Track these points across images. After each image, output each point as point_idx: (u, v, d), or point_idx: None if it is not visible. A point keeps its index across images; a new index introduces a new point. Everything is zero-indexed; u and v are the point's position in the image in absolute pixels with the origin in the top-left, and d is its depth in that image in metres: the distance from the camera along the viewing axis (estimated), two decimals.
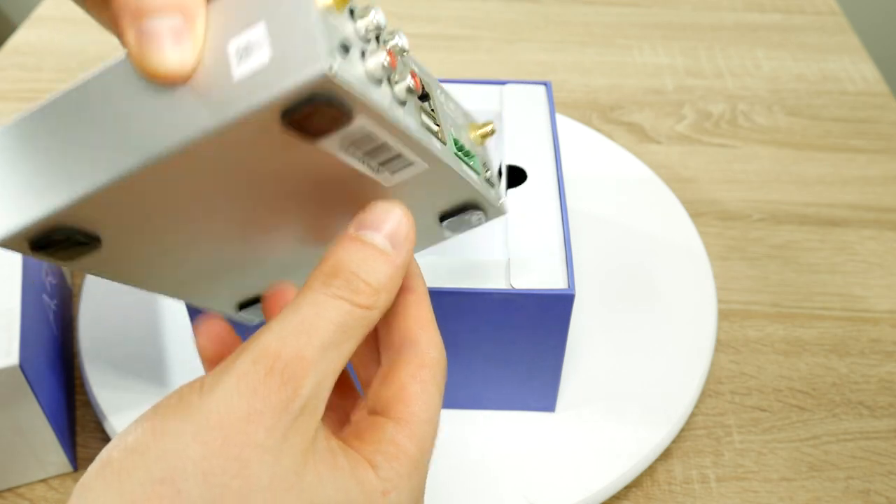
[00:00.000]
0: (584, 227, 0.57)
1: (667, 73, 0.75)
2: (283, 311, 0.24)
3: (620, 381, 0.48)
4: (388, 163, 0.26)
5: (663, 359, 0.49)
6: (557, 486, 0.43)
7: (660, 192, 0.60)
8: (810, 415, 0.49)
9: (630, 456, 0.44)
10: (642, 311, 0.52)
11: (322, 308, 0.24)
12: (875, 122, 0.70)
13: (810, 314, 0.54)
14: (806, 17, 0.83)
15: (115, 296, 0.52)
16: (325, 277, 0.25)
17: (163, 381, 0.48)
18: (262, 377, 0.23)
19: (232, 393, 0.23)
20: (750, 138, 0.68)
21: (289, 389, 0.23)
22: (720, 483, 0.46)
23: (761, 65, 0.77)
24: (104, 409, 0.46)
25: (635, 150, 0.67)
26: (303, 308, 0.24)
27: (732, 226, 0.60)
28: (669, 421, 0.46)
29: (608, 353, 0.49)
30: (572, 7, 0.84)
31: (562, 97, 0.72)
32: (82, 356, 0.48)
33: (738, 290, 0.56)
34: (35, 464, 0.44)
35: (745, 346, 0.52)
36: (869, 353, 0.52)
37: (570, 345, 0.50)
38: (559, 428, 0.46)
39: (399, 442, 0.26)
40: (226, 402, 0.23)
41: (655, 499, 0.45)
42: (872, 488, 0.45)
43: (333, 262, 0.25)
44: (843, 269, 0.58)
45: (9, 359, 0.39)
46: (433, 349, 0.27)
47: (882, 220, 0.61)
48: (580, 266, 0.54)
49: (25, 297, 0.42)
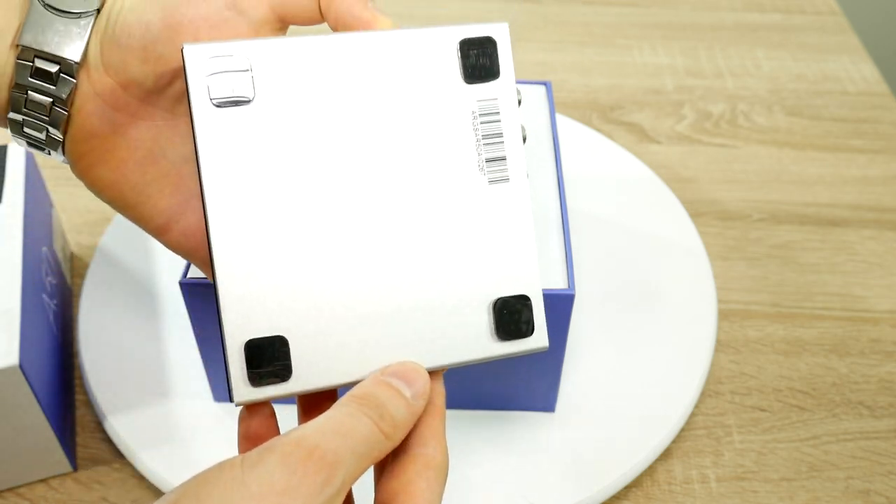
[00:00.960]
0: (584, 227, 0.57)
1: (667, 73, 0.75)
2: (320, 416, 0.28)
3: (620, 381, 0.48)
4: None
5: (663, 359, 0.49)
6: (557, 486, 0.43)
7: (660, 192, 0.60)
8: (810, 415, 0.49)
9: (630, 456, 0.44)
10: (642, 311, 0.52)
11: (356, 420, 0.28)
12: (875, 122, 0.70)
13: (810, 314, 0.54)
14: (806, 17, 0.83)
15: (115, 296, 0.52)
16: (359, 400, 0.29)
17: (163, 382, 0.48)
18: (302, 458, 0.26)
19: (274, 468, 0.25)
20: (750, 138, 0.68)
21: (324, 474, 0.26)
22: (720, 483, 0.46)
23: (761, 65, 0.77)
24: (104, 409, 0.46)
25: (635, 150, 0.67)
26: (339, 415, 0.28)
27: (732, 226, 0.61)
28: (669, 421, 0.46)
29: (608, 353, 0.49)
30: (572, 7, 0.84)
31: (562, 97, 0.72)
32: (82, 356, 0.48)
33: (738, 290, 0.56)
34: (35, 464, 0.44)
35: (745, 346, 0.52)
36: (869, 353, 0.52)
37: (570, 345, 0.50)
38: (559, 428, 0.46)
39: None
40: (268, 475, 0.25)
41: (655, 499, 0.45)
42: (872, 488, 0.45)
43: (366, 391, 0.29)
44: (843, 269, 0.58)
45: (9, 359, 0.39)
46: (440, 455, 0.30)
47: (882, 220, 0.61)
48: (580, 266, 0.54)
49: (25, 297, 0.42)
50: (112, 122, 0.32)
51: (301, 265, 0.30)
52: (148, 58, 0.30)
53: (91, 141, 0.32)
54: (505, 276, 0.32)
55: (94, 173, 0.33)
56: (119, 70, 0.31)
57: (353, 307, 0.31)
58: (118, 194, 0.33)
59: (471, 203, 0.32)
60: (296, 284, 0.30)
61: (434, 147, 0.31)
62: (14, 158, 0.49)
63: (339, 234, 0.31)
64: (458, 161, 0.32)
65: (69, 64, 0.30)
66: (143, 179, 0.33)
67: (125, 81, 0.31)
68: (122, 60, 0.30)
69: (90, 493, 0.44)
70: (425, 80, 0.31)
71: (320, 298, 0.30)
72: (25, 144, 0.33)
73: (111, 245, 0.55)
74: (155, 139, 0.32)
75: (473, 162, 0.32)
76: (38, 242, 0.48)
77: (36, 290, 0.45)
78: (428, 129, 0.31)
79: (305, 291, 0.30)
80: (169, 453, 0.44)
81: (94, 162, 0.32)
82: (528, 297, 0.32)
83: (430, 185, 0.31)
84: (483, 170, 0.32)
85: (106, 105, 0.31)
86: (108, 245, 0.55)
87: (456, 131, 0.31)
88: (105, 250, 0.55)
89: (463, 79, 0.31)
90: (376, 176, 0.31)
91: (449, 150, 0.31)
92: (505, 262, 0.32)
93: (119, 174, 0.32)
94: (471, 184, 0.32)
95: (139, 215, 0.34)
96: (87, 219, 0.59)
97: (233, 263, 0.30)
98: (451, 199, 0.32)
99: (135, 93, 0.31)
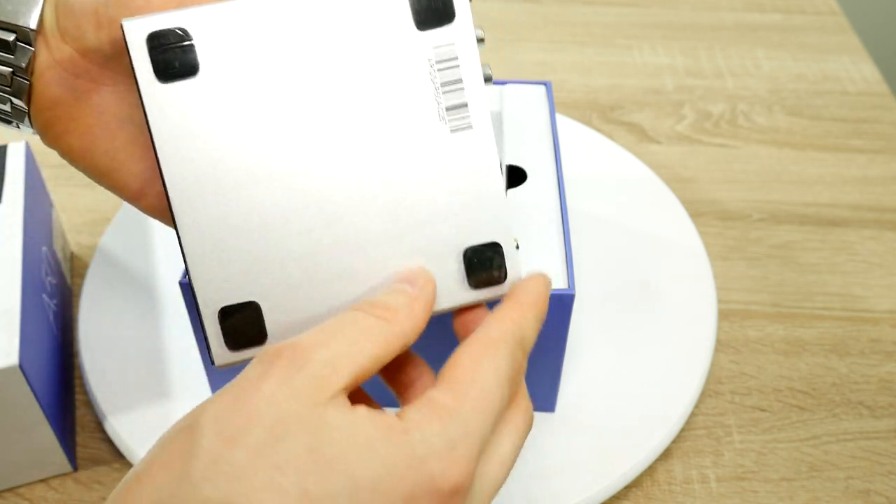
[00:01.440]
0: (584, 227, 0.57)
1: (667, 73, 0.75)
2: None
3: (620, 381, 0.48)
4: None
5: (663, 359, 0.49)
6: (557, 486, 0.43)
7: (660, 192, 0.60)
8: (810, 415, 0.49)
9: (630, 456, 0.44)
10: (642, 311, 0.52)
11: (341, 315, 0.28)
12: (875, 122, 0.70)
13: (810, 314, 0.54)
14: (806, 17, 0.83)
15: (115, 296, 0.52)
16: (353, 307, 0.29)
17: (163, 381, 0.48)
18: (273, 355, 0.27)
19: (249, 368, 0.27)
20: (750, 138, 0.68)
21: (299, 359, 0.26)
22: (720, 483, 0.46)
23: (761, 65, 0.77)
24: (104, 409, 0.46)
25: (635, 150, 0.67)
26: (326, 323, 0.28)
27: (732, 226, 0.61)
28: (669, 421, 0.46)
29: (608, 353, 0.49)
30: (572, 7, 0.84)
31: (562, 97, 0.72)
32: (82, 356, 0.48)
33: (738, 290, 0.56)
34: (35, 464, 0.44)
35: (745, 346, 0.52)
36: (869, 353, 0.52)
37: (570, 345, 0.50)
38: (559, 428, 0.46)
39: (432, 395, 0.27)
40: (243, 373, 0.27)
41: (655, 499, 0.45)
42: (872, 488, 0.45)
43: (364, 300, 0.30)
44: (843, 269, 0.58)
45: (9, 359, 0.39)
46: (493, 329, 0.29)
47: (882, 220, 0.61)
48: (580, 266, 0.54)
49: (25, 297, 0.42)
50: (74, 88, 0.31)
51: (266, 230, 0.30)
52: (101, 22, 0.30)
53: (55, 109, 0.32)
54: (474, 225, 0.32)
55: (63, 142, 0.32)
56: (75, 36, 0.30)
57: (321, 266, 0.31)
58: (90, 162, 0.33)
59: (434, 154, 0.31)
60: (263, 249, 0.31)
61: (391, 100, 0.31)
62: (14, 158, 0.49)
63: (303, 196, 0.31)
64: (417, 112, 0.31)
65: (25, 32, 0.30)
66: (112, 145, 0.33)
67: (82, 48, 0.31)
68: (77, 26, 0.30)
69: (90, 493, 0.44)
70: (376, 32, 0.30)
71: (288, 261, 0.31)
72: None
73: (111, 245, 0.55)
74: (119, 104, 0.32)
75: (433, 111, 0.31)
76: (38, 242, 0.48)
77: (36, 290, 0.45)
78: (383, 82, 0.31)
79: (273, 255, 0.31)
80: None
81: (62, 131, 0.32)
82: (499, 244, 0.32)
83: (390, 139, 0.31)
84: (444, 119, 0.31)
85: (66, 72, 0.31)
86: (108, 245, 0.55)
87: (412, 82, 0.31)
88: (105, 250, 0.55)
89: (415, 26, 0.31)
90: (334, 134, 0.31)
91: (406, 101, 0.31)
92: (474, 211, 0.32)
93: (88, 141, 0.32)
94: (432, 134, 0.31)
95: (114, 182, 0.33)
96: (87, 219, 0.59)
97: (198, 235, 0.30)
98: (412, 152, 0.31)
99: (94, 59, 0.31)
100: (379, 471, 0.25)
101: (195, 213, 0.30)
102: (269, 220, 0.30)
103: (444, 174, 0.31)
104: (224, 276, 0.31)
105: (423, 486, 0.25)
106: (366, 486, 0.25)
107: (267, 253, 0.31)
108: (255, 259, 0.31)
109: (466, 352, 0.28)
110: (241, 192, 0.30)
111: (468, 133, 0.31)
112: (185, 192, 0.30)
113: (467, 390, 0.27)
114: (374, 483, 0.25)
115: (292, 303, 0.31)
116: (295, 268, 0.31)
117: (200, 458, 0.24)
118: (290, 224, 0.31)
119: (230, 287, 0.31)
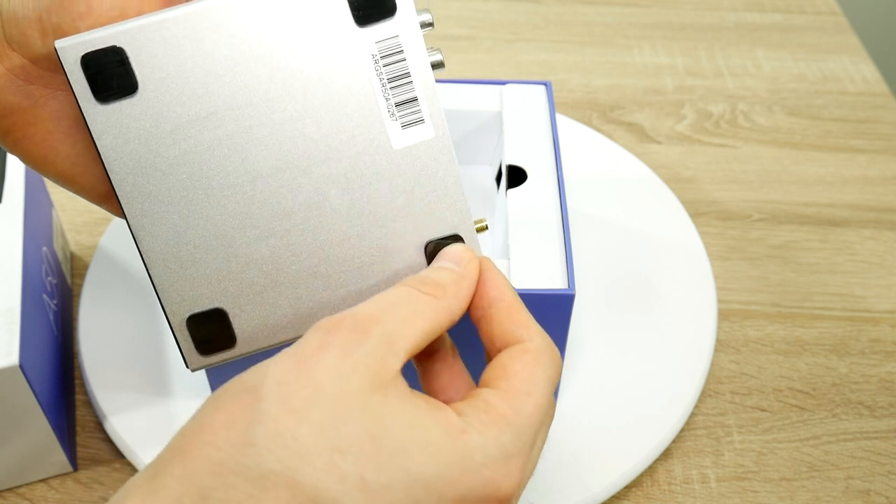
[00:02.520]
0: (584, 227, 0.57)
1: (667, 73, 0.75)
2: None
3: (620, 381, 0.48)
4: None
5: (663, 359, 0.49)
6: (557, 486, 0.43)
7: (660, 192, 0.60)
8: (810, 415, 0.49)
9: (630, 456, 0.44)
10: (642, 312, 0.52)
11: (392, 291, 0.29)
12: (875, 122, 0.70)
13: (810, 314, 0.54)
14: (806, 17, 0.83)
15: (115, 296, 0.52)
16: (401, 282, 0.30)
17: (163, 381, 0.48)
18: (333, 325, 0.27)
19: (308, 336, 0.27)
20: (750, 138, 0.68)
21: (358, 333, 0.27)
22: (720, 483, 0.46)
23: (761, 65, 0.77)
24: (104, 409, 0.46)
25: (635, 150, 0.67)
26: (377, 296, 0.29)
27: (732, 226, 0.61)
28: (669, 421, 0.46)
29: (608, 353, 0.49)
30: (572, 7, 0.84)
31: (562, 97, 0.72)
32: (82, 356, 0.48)
33: (738, 290, 0.56)
34: (35, 464, 0.44)
35: (745, 346, 0.52)
36: (869, 353, 0.52)
37: (570, 345, 0.50)
38: (559, 428, 0.46)
39: (490, 400, 0.28)
40: (303, 340, 0.27)
41: (655, 499, 0.45)
42: (872, 488, 0.45)
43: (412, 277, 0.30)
44: (843, 269, 0.58)
45: (9, 359, 0.39)
46: (536, 338, 0.30)
47: (882, 220, 0.61)
48: (580, 266, 0.54)
49: (25, 297, 0.42)
50: (29, 95, 0.31)
51: (224, 239, 0.31)
52: (45, 29, 0.30)
53: (12, 117, 0.32)
54: (434, 218, 0.32)
55: (24, 149, 0.32)
56: (22, 44, 0.30)
57: (282, 270, 0.31)
58: (54, 168, 0.33)
59: (388, 152, 0.31)
60: (222, 257, 0.31)
61: (338, 102, 0.30)
62: (14, 159, 0.49)
63: (257, 203, 0.31)
64: (366, 112, 0.30)
65: None
66: (74, 150, 0.32)
67: (31, 55, 0.30)
68: (22, 34, 0.30)
69: (90, 493, 0.44)
70: (317, 34, 0.30)
71: (248, 267, 0.31)
72: None
73: (111, 245, 0.55)
74: (77, 109, 0.32)
75: (383, 109, 0.31)
76: (38, 242, 0.48)
77: (36, 290, 0.45)
78: (328, 84, 0.30)
79: (233, 262, 0.31)
80: None
81: (21, 137, 0.32)
82: (460, 237, 0.32)
83: (342, 141, 0.31)
84: (394, 115, 0.31)
85: (18, 79, 0.31)
86: (108, 245, 0.55)
87: (358, 81, 0.30)
88: (105, 250, 0.55)
89: (355, 22, 0.30)
90: (283, 140, 0.30)
91: (354, 102, 0.30)
92: (432, 204, 0.32)
93: (48, 147, 0.32)
94: (384, 132, 0.31)
95: (80, 186, 0.33)
96: (87, 219, 0.59)
97: (158, 248, 0.31)
98: (365, 152, 0.31)
99: (45, 65, 0.31)
100: (436, 469, 0.26)
101: (153, 228, 0.30)
102: (226, 229, 0.31)
103: (399, 171, 0.31)
104: (188, 285, 0.31)
105: (476, 492, 0.26)
106: (421, 483, 0.25)
107: (228, 261, 0.31)
108: (216, 267, 0.31)
109: (519, 360, 0.29)
110: (195, 203, 0.30)
111: (421, 127, 0.31)
112: (140, 208, 0.30)
113: (524, 401, 0.28)
114: (429, 481, 0.25)
115: (258, 307, 0.31)
116: (257, 273, 0.31)
117: (265, 425, 0.25)
118: (247, 232, 0.31)
119: (195, 296, 0.31)
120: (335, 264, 0.31)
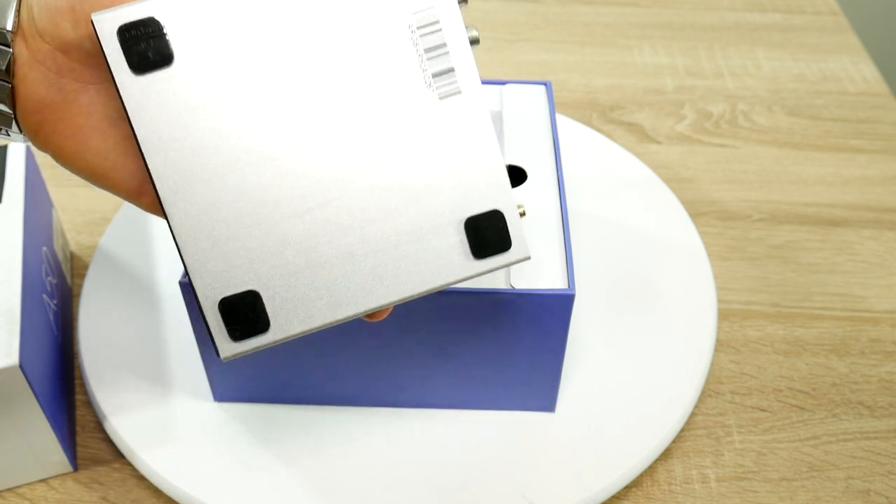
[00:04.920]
0: (584, 227, 0.57)
1: (667, 73, 0.75)
2: None
3: (620, 381, 0.48)
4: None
5: (663, 359, 0.49)
6: (557, 486, 0.43)
7: (660, 192, 0.60)
8: (810, 415, 0.49)
9: (630, 456, 0.44)
10: (642, 312, 0.52)
11: None
12: (875, 122, 0.70)
13: (810, 314, 0.54)
14: (806, 17, 0.83)
15: (115, 296, 0.52)
16: None
17: (163, 381, 0.48)
18: None
19: None
20: (750, 138, 0.68)
21: None
22: (720, 483, 0.46)
23: (761, 65, 0.77)
24: (104, 409, 0.46)
25: (635, 150, 0.67)
26: None
27: (732, 226, 0.61)
28: (670, 420, 0.46)
29: (608, 353, 0.49)
30: (572, 7, 0.84)
31: (562, 97, 0.72)
32: (82, 356, 0.48)
33: (738, 290, 0.56)
34: (35, 464, 0.44)
35: (745, 346, 0.52)
36: (869, 353, 0.52)
37: (570, 345, 0.50)
38: (559, 428, 0.46)
39: None
40: None
41: (655, 499, 0.45)
42: (872, 488, 0.45)
43: None
44: (843, 269, 0.58)
45: (9, 359, 0.39)
46: None
47: (882, 220, 0.61)
48: (580, 266, 0.54)
49: (25, 297, 0.42)
50: (60, 88, 0.31)
51: (259, 216, 0.30)
52: (78, 19, 0.30)
53: (43, 111, 0.31)
54: (473, 193, 0.31)
55: (54, 144, 0.32)
56: (54, 35, 0.30)
57: (318, 249, 0.30)
58: (84, 164, 0.32)
59: (424, 123, 0.30)
60: (257, 236, 0.30)
61: (374, 72, 0.30)
62: (14, 158, 0.49)
63: (293, 178, 0.30)
64: (403, 82, 0.30)
65: (2, 33, 0.30)
66: (105, 145, 0.32)
67: (63, 46, 0.30)
68: (55, 24, 0.30)
69: (90, 493, 0.44)
70: (352, 4, 0.29)
71: (284, 246, 0.30)
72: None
73: (111, 245, 0.55)
74: (108, 103, 0.32)
75: (419, 79, 0.30)
76: (38, 242, 0.48)
77: (36, 290, 0.45)
78: (364, 54, 0.30)
79: (268, 241, 0.30)
80: (169, 453, 0.44)
81: (51, 132, 0.32)
82: (501, 212, 0.31)
83: (378, 112, 0.30)
84: (431, 86, 0.30)
85: (50, 72, 0.31)
86: (108, 245, 0.55)
87: (394, 51, 0.30)
88: (105, 250, 0.55)
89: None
90: (319, 112, 0.30)
91: (390, 72, 0.30)
92: (471, 179, 0.31)
93: (79, 142, 0.32)
94: (420, 103, 0.30)
95: (112, 183, 0.33)
96: (87, 219, 0.59)
97: (191, 227, 0.30)
98: (401, 123, 0.30)
99: (77, 57, 0.31)
100: None
101: (186, 205, 0.30)
102: (261, 205, 0.30)
103: (436, 144, 0.30)
104: (221, 266, 0.30)
105: None
106: None
107: (262, 240, 0.30)
108: (250, 247, 0.30)
109: None
110: (230, 178, 0.30)
111: (458, 98, 0.30)
112: (173, 185, 0.30)
113: None
114: None
115: (292, 288, 0.30)
116: (292, 253, 0.30)
117: None
118: (282, 208, 0.30)
119: (228, 277, 0.30)
120: (372, 242, 0.30)
